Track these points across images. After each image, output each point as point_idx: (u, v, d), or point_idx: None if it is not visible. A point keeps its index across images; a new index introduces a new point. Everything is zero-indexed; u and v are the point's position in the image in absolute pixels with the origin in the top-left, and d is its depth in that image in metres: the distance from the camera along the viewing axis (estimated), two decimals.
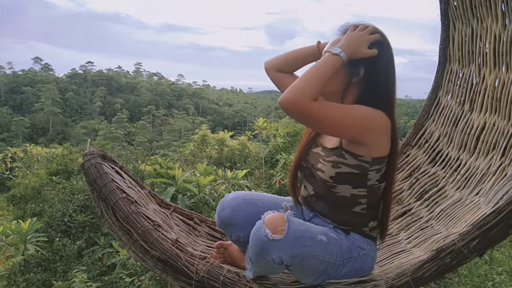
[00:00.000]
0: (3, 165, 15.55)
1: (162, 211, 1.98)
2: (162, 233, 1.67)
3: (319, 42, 1.73)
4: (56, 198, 9.73)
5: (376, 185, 1.54)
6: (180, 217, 2.06)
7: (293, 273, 1.57)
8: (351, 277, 1.54)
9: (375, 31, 1.51)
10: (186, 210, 2.13)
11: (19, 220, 9.03)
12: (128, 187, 1.89)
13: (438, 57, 2.39)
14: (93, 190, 1.75)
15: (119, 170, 1.94)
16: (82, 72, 76.00)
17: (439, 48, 2.38)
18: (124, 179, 1.93)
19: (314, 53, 1.72)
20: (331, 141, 1.57)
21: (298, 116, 1.40)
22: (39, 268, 8.70)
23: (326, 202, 1.59)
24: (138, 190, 1.96)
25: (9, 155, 15.97)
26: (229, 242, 1.83)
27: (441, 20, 2.33)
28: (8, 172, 15.44)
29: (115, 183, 1.75)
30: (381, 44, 1.50)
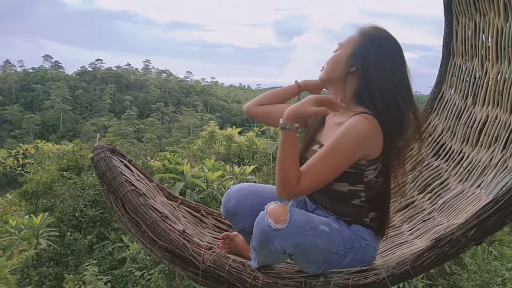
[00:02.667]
0: (15, 162, 15.76)
1: (169, 203, 2.03)
2: (169, 224, 1.71)
3: (296, 81, 1.87)
4: (67, 193, 9.84)
5: (373, 180, 1.58)
6: (187, 209, 2.11)
7: (296, 262, 1.61)
8: (353, 266, 1.57)
9: (378, 32, 1.60)
10: (193, 202, 2.18)
11: (31, 215, 9.16)
12: (137, 180, 1.93)
13: (441, 51, 2.41)
14: (103, 183, 1.79)
15: (128, 164, 1.98)
16: (91, 69, 76.60)
17: (443, 42, 2.40)
18: (133, 172, 1.97)
19: (294, 93, 1.88)
20: (328, 139, 1.61)
21: (300, 195, 1.63)
22: (51, 262, 8.83)
23: (326, 196, 1.63)
24: (146, 183, 2.01)
25: (21, 151, 16.18)
26: (235, 233, 1.88)
27: (444, 14, 2.35)
28: (20, 168, 15.66)
29: (124, 176, 1.79)
30: (380, 46, 1.57)
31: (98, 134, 2.24)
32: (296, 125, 1.50)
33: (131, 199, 1.73)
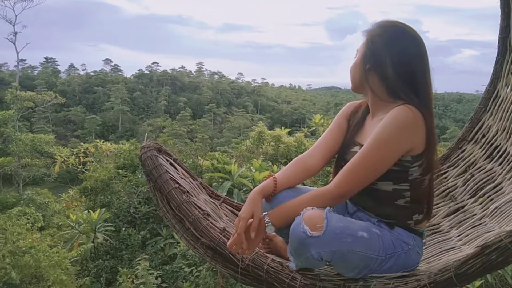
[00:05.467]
0: (77, 160, 16.82)
1: (212, 202, 2.07)
2: (211, 222, 1.74)
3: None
4: (122, 191, 10.32)
5: (418, 178, 1.52)
6: (229, 208, 2.14)
7: (335, 267, 1.58)
8: (394, 271, 1.52)
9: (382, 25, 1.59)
10: (235, 201, 2.21)
11: (90, 210, 9.73)
12: (181, 178, 1.99)
13: (497, 47, 2.27)
14: (149, 180, 1.86)
15: (173, 162, 2.05)
16: (148, 72, 79.62)
17: (498, 37, 2.25)
18: (178, 170, 2.03)
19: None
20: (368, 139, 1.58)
21: (345, 198, 1.59)
22: (108, 255, 9.31)
23: (368, 197, 1.59)
24: (190, 181, 2.06)
25: (82, 150, 17.26)
26: (274, 233, 1.88)
27: (500, 7, 2.20)
28: (81, 166, 16.69)
29: (169, 174, 1.84)
30: (386, 36, 1.56)
31: (146, 133, 2.33)
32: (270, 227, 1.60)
33: (175, 196, 1.78)
